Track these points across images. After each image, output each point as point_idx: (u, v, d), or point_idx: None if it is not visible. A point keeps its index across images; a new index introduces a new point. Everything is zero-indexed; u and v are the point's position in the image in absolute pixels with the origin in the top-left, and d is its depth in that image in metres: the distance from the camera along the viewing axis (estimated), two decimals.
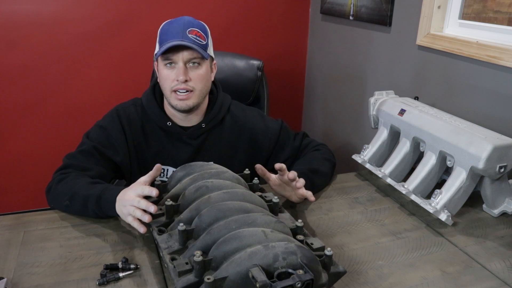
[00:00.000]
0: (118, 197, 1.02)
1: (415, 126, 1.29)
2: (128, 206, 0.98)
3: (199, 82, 1.21)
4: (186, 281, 0.75)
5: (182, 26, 1.18)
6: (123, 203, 1.00)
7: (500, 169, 1.10)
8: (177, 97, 1.20)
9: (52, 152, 2.31)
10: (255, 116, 1.37)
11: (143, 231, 0.96)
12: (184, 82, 1.18)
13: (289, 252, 0.74)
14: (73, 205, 1.09)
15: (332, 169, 1.37)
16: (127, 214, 0.98)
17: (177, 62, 1.18)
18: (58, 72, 2.22)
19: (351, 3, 2.10)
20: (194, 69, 1.20)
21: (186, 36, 1.16)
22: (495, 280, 0.94)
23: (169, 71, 1.19)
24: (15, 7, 2.06)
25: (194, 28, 1.18)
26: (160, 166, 1.07)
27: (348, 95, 2.26)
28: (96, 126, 1.26)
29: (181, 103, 1.20)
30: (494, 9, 1.48)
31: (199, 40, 1.18)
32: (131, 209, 0.97)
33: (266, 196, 1.02)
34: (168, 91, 1.21)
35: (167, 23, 1.22)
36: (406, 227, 1.14)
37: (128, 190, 1.01)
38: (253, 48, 2.46)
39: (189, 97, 1.20)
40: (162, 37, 1.19)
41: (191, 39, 1.17)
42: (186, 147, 1.28)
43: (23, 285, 0.87)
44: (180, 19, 1.20)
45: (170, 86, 1.19)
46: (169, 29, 1.19)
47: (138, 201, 0.96)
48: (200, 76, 1.20)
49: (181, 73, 1.17)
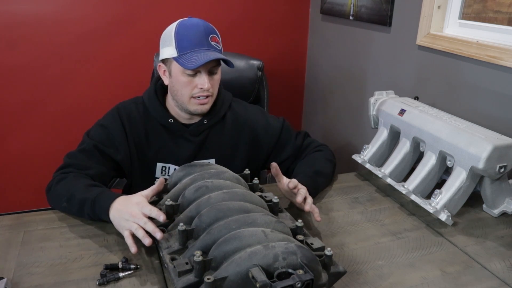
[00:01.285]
0: (117, 205, 1.00)
1: (415, 126, 1.29)
2: (130, 222, 0.95)
3: (216, 87, 1.25)
4: (186, 281, 0.76)
5: (203, 33, 1.16)
6: (124, 216, 0.97)
7: (500, 169, 1.10)
8: (198, 102, 1.21)
9: (52, 152, 2.31)
10: (256, 113, 1.38)
11: (134, 251, 0.93)
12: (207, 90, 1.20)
13: (289, 252, 0.74)
14: (70, 207, 1.09)
15: (333, 170, 1.37)
16: (125, 228, 0.96)
17: (202, 71, 1.17)
18: (58, 72, 2.22)
19: (351, 3, 2.10)
20: (213, 75, 1.21)
21: (210, 45, 1.16)
22: (495, 280, 0.94)
23: (189, 78, 1.18)
24: (15, 7, 2.06)
25: (213, 34, 1.18)
26: (163, 179, 1.05)
27: (348, 95, 2.26)
28: (96, 125, 1.26)
29: (201, 107, 1.22)
30: (494, 9, 1.48)
31: (218, 47, 1.19)
32: (134, 226, 0.94)
33: (266, 196, 1.02)
34: (186, 97, 1.20)
35: (182, 26, 1.17)
36: (406, 227, 1.14)
37: (132, 204, 0.98)
38: (253, 48, 2.46)
39: (208, 102, 1.23)
40: (183, 43, 1.15)
41: (214, 47, 1.17)
42: (188, 144, 1.29)
43: (23, 285, 0.87)
44: (196, 23, 1.17)
45: (190, 93, 1.19)
46: (189, 35, 1.15)
47: (145, 222, 0.93)
48: (217, 81, 1.24)
49: (207, 82, 1.17)
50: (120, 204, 1.00)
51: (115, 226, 1.00)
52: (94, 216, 1.06)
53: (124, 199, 1.01)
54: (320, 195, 1.29)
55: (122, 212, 0.98)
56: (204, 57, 1.12)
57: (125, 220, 0.96)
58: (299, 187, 1.11)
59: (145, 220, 0.94)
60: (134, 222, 0.95)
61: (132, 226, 0.95)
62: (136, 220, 0.95)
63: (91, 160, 1.19)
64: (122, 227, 0.97)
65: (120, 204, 1.00)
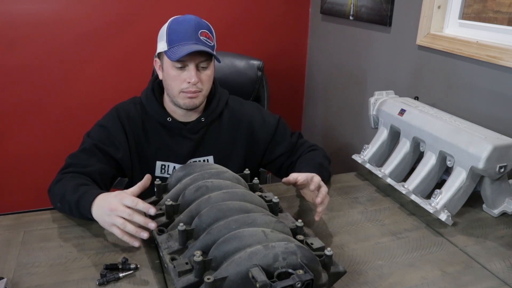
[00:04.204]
0: (98, 202, 0.99)
1: (415, 126, 1.29)
2: (113, 216, 0.92)
3: (207, 82, 1.23)
4: (186, 281, 0.76)
5: (193, 27, 1.16)
6: (106, 212, 0.94)
7: (500, 169, 1.10)
8: (186, 95, 1.20)
9: (52, 152, 2.31)
10: (253, 109, 1.38)
11: (138, 245, 0.92)
12: (195, 84, 1.19)
13: (289, 252, 0.74)
14: (63, 207, 1.09)
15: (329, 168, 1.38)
16: (110, 224, 0.93)
17: (188, 65, 1.18)
18: (58, 72, 2.22)
19: (351, 3, 2.10)
20: (203, 70, 1.20)
21: (199, 39, 1.16)
22: (495, 280, 0.94)
23: (178, 72, 1.18)
24: (15, 7, 2.06)
25: (204, 29, 1.18)
26: (150, 176, 1.03)
27: (348, 95, 2.26)
28: (96, 126, 1.27)
29: (189, 101, 1.21)
30: (494, 9, 1.48)
31: (208, 42, 1.18)
32: (118, 220, 0.91)
33: (266, 196, 1.02)
34: (176, 91, 1.21)
35: (175, 21, 1.20)
36: (406, 227, 1.14)
37: (112, 198, 0.95)
38: (253, 48, 2.46)
39: (197, 96, 1.21)
40: (173, 37, 1.17)
41: (203, 41, 1.16)
42: (187, 141, 1.29)
43: (23, 285, 0.87)
44: (188, 19, 1.19)
45: (180, 87, 1.20)
46: (179, 29, 1.17)
47: (129, 214, 0.90)
48: (208, 77, 1.22)
49: (194, 76, 1.17)
50: (100, 200, 0.99)
51: (101, 225, 0.98)
52: (82, 217, 1.05)
53: (104, 194, 0.99)
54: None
55: (102, 208, 0.96)
56: (187, 49, 1.13)
57: (107, 215, 0.93)
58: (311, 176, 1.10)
59: (128, 211, 0.90)
60: (117, 216, 0.91)
61: (116, 221, 0.91)
62: (118, 213, 0.91)
63: (92, 159, 1.19)
64: (107, 223, 0.94)
65: (100, 200, 0.99)
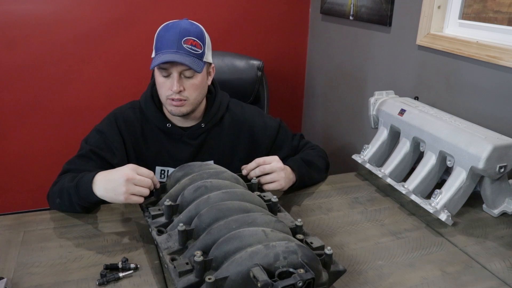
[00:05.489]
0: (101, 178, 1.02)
1: (415, 126, 1.29)
2: (131, 185, 0.97)
3: (193, 91, 1.20)
4: (187, 281, 0.75)
5: (178, 34, 1.15)
6: (121, 182, 0.98)
7: (500, 169, 1.10)
8: (172, 103, 1.20)
9: (52, 152, 2.31)
10: (253, 113, 1.38)
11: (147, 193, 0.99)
12: (178, 93, 1.17)
13: (289, 251, 0.74)
14: (63, 201, 1.09)
15: (326, 167, 1.38)
16: (128, 194, 0.97)
17: (173, 73, 1.17)
18: (58, 72, 2.22)
19: (351, 3, 2.10)
20: (188, 79, 1.18)
21: (181, 47, 1.14)
22: (495, 280, 0.94)
23: (164, 79, 1.18)
24: (15, 7, 2.06)
25: (190, 37, 1.16)
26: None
27: (348, 95, 2.26)
28: (93, 131, 1.27)
29: (175, 108, 1.20)
30: (494, 9, 1.48)
31: (194, 50, 1.16)
32: (138, 189, 0.98)
33: (265, 196, 1.02)
34: (163, 98, 1.21)
35: (164, 28, 1.19)
36: (406, 227, 1.14)
37: (124, 169, 1.00)
38: (253, 48, 2.46)
39: (182, 105, 1.20)
40: (158, 44, 1.17)
41: (186, 49, 1.14)
42: (186, 147, 1.29)
43: (23, 285, 0.87)
44: (177, 25, 1.17)
45: (166, 94, 1.19)
46: (165, 36, 1.17)
47: (148, 183, 0.99)
48: (194, 85, 1.19)
49: (175, 85, 1.16)
50: (104, 176, 1.02)
51: (110, 199, 1.01)
52: (83, 203, 1.06)
53: (106, 171, 1.04)
54: (320, 195, 1.29)
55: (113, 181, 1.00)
56: (163, 58, 1.13)
57: (123, 185, 0.97)
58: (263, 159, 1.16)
59: (147, 180, 0.99)
60: (135, 184, 0.98)
61: (135, 189, 0.98)
62: (136, 181, 0.98)
63: (89, 164, 1.19)
64: (122, 194, 0.98)
65: (104, 175, 1.03)
